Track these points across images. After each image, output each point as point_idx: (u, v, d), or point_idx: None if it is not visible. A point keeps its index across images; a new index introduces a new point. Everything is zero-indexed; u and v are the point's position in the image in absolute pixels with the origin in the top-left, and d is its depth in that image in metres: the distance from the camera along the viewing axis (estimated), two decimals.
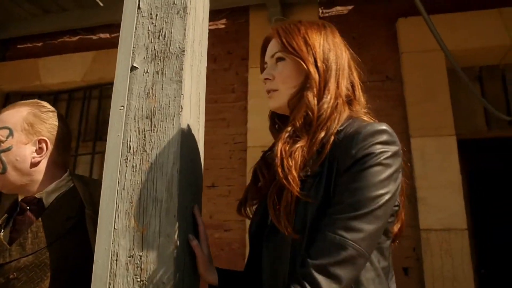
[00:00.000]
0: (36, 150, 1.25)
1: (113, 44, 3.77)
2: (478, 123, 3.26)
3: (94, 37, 3.80)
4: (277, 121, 1.18)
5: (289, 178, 0.89)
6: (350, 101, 1.07)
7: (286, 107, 1.07)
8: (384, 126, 0.91)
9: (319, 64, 1.03)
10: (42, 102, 1.34)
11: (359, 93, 1.09)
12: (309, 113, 0.99)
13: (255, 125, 3.31)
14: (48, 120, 1.29)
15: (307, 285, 0.79)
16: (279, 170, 0.92)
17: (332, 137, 0.94)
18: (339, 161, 0.90)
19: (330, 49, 1.06)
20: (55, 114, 1.32)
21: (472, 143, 3.20)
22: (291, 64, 1.06)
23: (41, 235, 1.17)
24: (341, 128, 0.96)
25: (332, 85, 1.02)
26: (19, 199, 1.27)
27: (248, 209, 1.15)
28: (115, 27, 3.77)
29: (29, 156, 1.24)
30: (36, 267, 1.13)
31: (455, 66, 2.38)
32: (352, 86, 1.08)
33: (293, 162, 0.91)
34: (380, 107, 3.20)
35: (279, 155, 0.94)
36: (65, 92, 3.79)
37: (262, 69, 1.21)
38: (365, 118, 1.02)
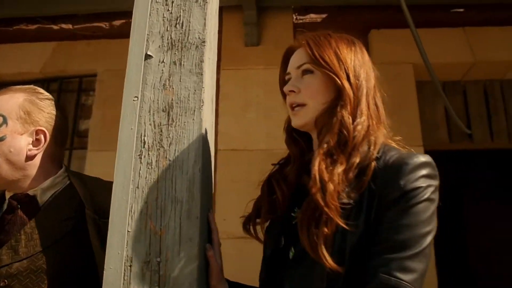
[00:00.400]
0: (32, 141, 1.11)
1: (76, 36, 3.55)
2: (441, 135, 3.40)
3: (55, 27, 3.55)
4: (295, 135, 1.10)
5: (331, 206, 0.83)
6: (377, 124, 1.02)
7: (312, 124, 1.00)
8: (428, 159, 0.88)
9: (352, 80, 0.98)
10: (39, 88, 1.20)
11: (383, 115, 1.04)
12: (344, 132, 0.93)
13: (226, 128, 3.24)
14: (46, 108, 1.15)
15: None
16: (319, 196, 0.85)
17: (373, 164, 0.90)
18: (383, 191, 0.85)
19: (361, 66, 1.01)
20: (53, 102, 1.19)
21: (436, 155, 3.32)
22: (321, 78, 0.99)
23: (36, 237, 1.03)
24: (379, 155, 0.92)
25: (364, 104, 0.97)
26: (7, 196, 1.12)
27: (254, 227, 1.08)
28: (78, 17, 3.55)
29: (25, 148, 1.10)
30: (31, 273, 1.00)
31: (434, 79, 2.45)
32: (377, 107, 1.03)
33: (333, 187, 0.86)
34: None
35: (318, 178, 0.87)
36: (21, 83, 3.49)
37: (282, 80, 1.14)
38: (396, 146, 0.99)
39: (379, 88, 1.06)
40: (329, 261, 0.80)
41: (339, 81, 0.97)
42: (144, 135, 1.04)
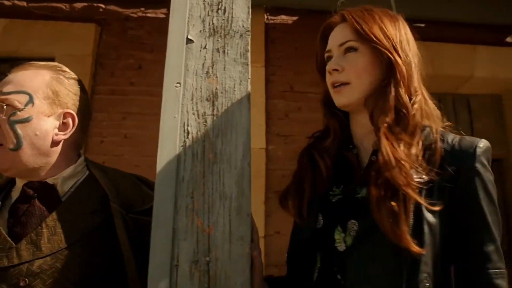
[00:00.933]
0: (59, 125, 0.99)
1: (31, 14, 3.26)
2: None
3: (6, 3, 3.23)
4: (335, 109, 1.03)
5: (411, 184, 0.82)
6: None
7: (358, 104, 0.97)
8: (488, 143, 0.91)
9: (402, 56, 0.94)
10: (62, 65, 1.08)
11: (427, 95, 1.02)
12: (403, 111, 0.91)
13: None
14: (72, 89, 1.04)
15: None
16: (397, 175, 0.82)
17: (439, 144, 0.90)
18: (456, 172, 0.86)
19: (408, 42, 0.98)
20: (78, 82, 1.07)
21: None
22: (367, 55, 0.96)
23: (59, 232, 0.92)
24: (441, 137, 0.93)
25: (416, 82, 0.96)
26: (19, 183, 0.99)
27: (295, 202, 1.00)
28: None
29: (51, 132, 0.98)
30: (56, 272, 0.88)
31: None
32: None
33: (409, 166, 0.84)
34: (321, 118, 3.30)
35: (392, 157, 0.84)
36: None
37: (321, 58, 1.11)
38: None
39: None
40: (410, 241, 0.78)
41: (391, 57, 0.93)
42: (188, 125, 0.97)
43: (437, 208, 0.82)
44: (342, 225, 0.90)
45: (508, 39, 3.77)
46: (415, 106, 0.93)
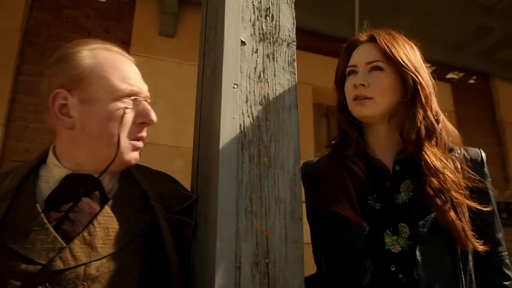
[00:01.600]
0: None
1: None
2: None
3: None
4: (353, 119, 1.13)
5: (463, 193, 0.96)
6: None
7: (378, 118, 1.08)
8: None
9: (425, 79, 1.07)
10: None
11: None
12: (430, 129, 1.04)
13: None
14: None
15: None
16: (453, 185, 0.96)
17: (463, 156, 1.05)
18: (477, 178, 1.02)
19: (422, 65, 1.10)
20: None
21: None
22: (391, 76, 1.06)
23: (113, 231, 0.85)
24: (458, 149, 1.08)
25: (435, 103, 1.09)
26: (55, 172, 0.89)
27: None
28: None
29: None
30: (115, 276, 0.82)
31: None
32: None
33: (455, 178, 0.98)
34: None
35: (441, 168, 0.98)
36: None
37: (342, 70, 1.18)
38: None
39: None
40: (476, 243, 0.95)
41: (417, 79, 1.05)
42: (244, 127, 0.97)
43: (489, 209, 0.97)
44: (391, 229, 0.99)
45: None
46: (440, 125, 1.06)
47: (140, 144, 0.95)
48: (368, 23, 1.20)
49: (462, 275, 0.93)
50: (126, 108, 0.90)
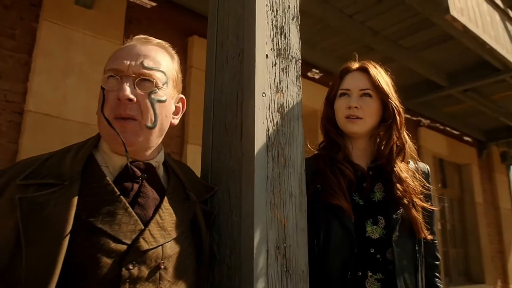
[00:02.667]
0: (174, 109, 0.99)
1: None
2: None
3: None
4: (341, 132, 1.40)
5: (420, 197, 1.27)
6: None
7: (364, 134, 1.36)
8: None
9: (400, 107, 1.38)
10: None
11: None
12: (400, 146, 1.36)
13: (41, 88, 2.79)
14: (181, 74, 1.03)
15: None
16: (413, 190, 1.28)
17: (416, 168, 1.38)
18: (426, 185, 1.36)
19: (396, 94, 1.41)
20: None
21: None
22: (377, 102, 1.36)
23: (174, 216, 0.93)
24: (413, 162, 1.41)
25: (403, 125, 1.40)
26: (115, 159, 0.93)
27: None
28: None
29: (170, 116, 0.97)
30: (181, 256, 0.91)
31: None
32: None
33: (412, 183, 1.30)
34: None
35: (404, 178, 1.29)
36: None
37: (335, 91, 1.43)
38: None
39: None
40: (426, 233, 1.28)
41: (396, 107, 1.35)
42: (268, 131, 1.13)
43: (436, 209, 1.30)
44: (371, 220, 1.27)
45: (309, 74, 4.76)
46: (409, 142, 1.38)
47: (120, 121, 0.90)
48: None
49: (418, 256, 1.26)
50: (103, 88, 0.91)
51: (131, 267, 0.83)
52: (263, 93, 1.14)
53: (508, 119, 6.40)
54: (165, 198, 0.94)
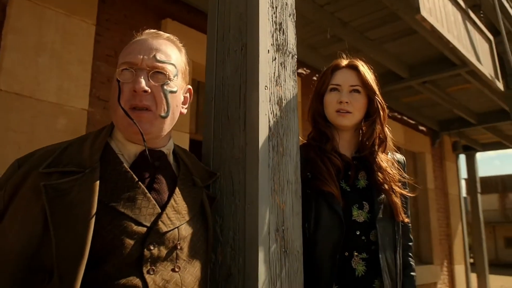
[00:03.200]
0: (183, 99, 1.05)
1: None
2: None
3: None
4: (329, 124, 1.52)
5: (398, 184, 1.40)
6: None
7: (352, 126, 1.49)
8: None
9: (383, 103, 1.51)
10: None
11: None
12: (382, 138, 1.49)
13: (12, 66, 2.71)
14: (189, 65, 1.09)
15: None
16: (392, 179, 1.40)
17: (393, 158, 1.51)
18: (403, 174, 1.49)
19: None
20: None
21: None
22: (364, 97, 1.48)
23: (186, 200, 1.01)
24: (391, 153, 1.54)
25: (386, 119, 1.53)
26: (132, 148, 0.98)
27: None
28: None
29: (180, 105, 1.03)
30: (194, 237, 0.98)
31: None
32: None
33: (391, 172, 1.43)
34: None
35: (385, 167, 1.41)
36: None
37: (326, 85, 1.52)
38: None
39: None
40: (404, 216, 1.41)
41: (380, 102, 1.48)
42: (269, 122, 1.21)
43: (412, 195, 1.44)
44: (357, 205, 1.38)
45: None
46: (389, 135, 1.50)
47: (136, 112, 0.96)
48: None
49: (397, 237, 1.40)
50: (118, 80, 0.97)
51: (152, 247, 0.89)
52: (266, 86, 1.21)
53: (461, 111, 6.80)
54: (178, 183, 1.01)
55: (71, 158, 0.93)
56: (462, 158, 9.15)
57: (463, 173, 9.08)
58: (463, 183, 9.35)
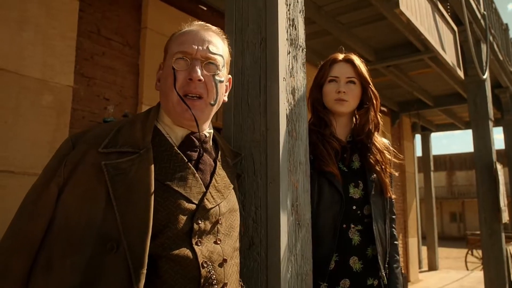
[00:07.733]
0: (225, 88, 1.16)
1: None
2: None
3: None
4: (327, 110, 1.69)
5: (388, 163, 1.61)
6: None
7: (348, 113, 1.66)
8: None
9: (376, 92, 1.70)
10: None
11: None
12: (376, 125, 1.68)
13: None
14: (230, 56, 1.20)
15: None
16: (385, 159, 1.60)
17: (386, 142, 1.72)
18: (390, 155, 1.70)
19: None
20: None
21: None
22: (359, 88, 1.66)
23: (225, 180, 1.13)
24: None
25: (379, 107, 1.73)
26: (179, 131, 1.09)
27: None
28: None
29: (223, 94, 1.15)
30: (230, 213, 1.11)
31: None
32: None
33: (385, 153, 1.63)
34: (121, 68, 3.47)
35: (382, 149, 1.61)
36: None
37: (326, 76, 1.68)
38: None
39: None
40: (391, 192, 1.61)
41: (373, 92, 1.68)
42: (285, 109, 1.36)
43: (397, 174, 1.65)
44: (353, 184, 1.57)
45: None
46: (381, 121, 1.69)
47: (190, 99, 1.05)
48: None
49: (386, 210, 1.62)
50: (174, 67, 1.06)
51: (200, 222, 1.02)
52: (284, 78, 1.36)
53: (420, 94, 7.20)
54: (218, 165, 1.14)
55: (125, 139, 1.03)
56: (418, 137, 9.71)
57: (418, 151, 9.66)
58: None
